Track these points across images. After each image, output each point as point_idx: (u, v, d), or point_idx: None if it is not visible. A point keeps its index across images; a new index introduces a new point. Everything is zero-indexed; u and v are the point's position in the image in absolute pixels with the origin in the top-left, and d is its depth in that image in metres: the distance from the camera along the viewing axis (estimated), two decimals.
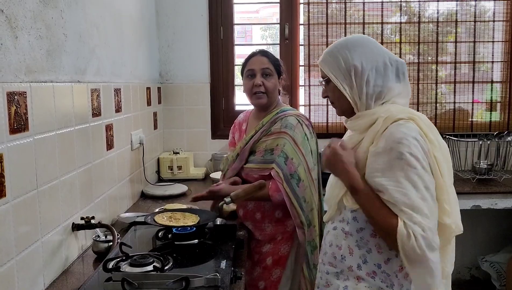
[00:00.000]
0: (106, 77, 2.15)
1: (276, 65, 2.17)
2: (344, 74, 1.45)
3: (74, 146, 1.75)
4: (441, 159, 1.38)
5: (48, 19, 1.57)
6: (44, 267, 1.52)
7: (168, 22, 3.35)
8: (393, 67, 1.46)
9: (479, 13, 3.38)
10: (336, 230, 1.51)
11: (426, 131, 1.37)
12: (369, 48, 1.46)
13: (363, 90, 1.43)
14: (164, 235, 1.79)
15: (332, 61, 1.47)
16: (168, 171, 3.14)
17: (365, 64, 1.43)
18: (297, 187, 1.99)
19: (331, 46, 1.52)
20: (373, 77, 1.43)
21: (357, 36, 1.57)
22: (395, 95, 1.45)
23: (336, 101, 1.53)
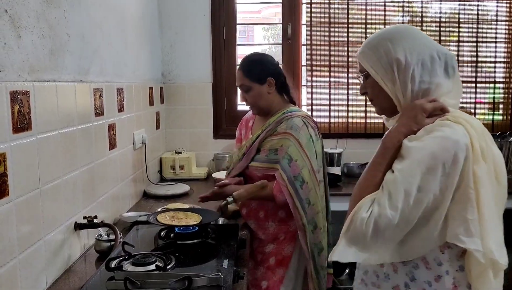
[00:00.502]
0: (109, 77, 2.15)
1: (253, 75, 2.11)
2: (386, 68, 1.30)
3: (76, 145, 1.75)
4: (482, 175, 1.18)
5: (51, 19, 1.57)
6: (47, 266, 1.52)
7: (170, 22, 3.35)
8: (441, 61, 1.30)
9: (481, 14, 3.37)
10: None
11: (473, 141, 1.19)
12: (414, 40, 1.31)
13: (408, 86, 1.28)
14: (166, 235, 1.79)
15: (371, 54, 1.33)
16: (171, 170, 3.14)
17: (410, 58, 1.28)
18: (301, 189, 1.98)
19: (371, 37, 1.38)
20: (418, 72, 1.28)
21: (401, 26, 1.40)
22: (444, 93, 1.30)
23: (375, 98, 1.39)
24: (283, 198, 1.98)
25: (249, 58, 2.19)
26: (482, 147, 1.21)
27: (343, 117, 3.45)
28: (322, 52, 3.39)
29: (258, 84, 2.12)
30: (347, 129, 3.44)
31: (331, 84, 3.42)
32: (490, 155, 1.22)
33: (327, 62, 3.39)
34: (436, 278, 1.25)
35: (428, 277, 1.25)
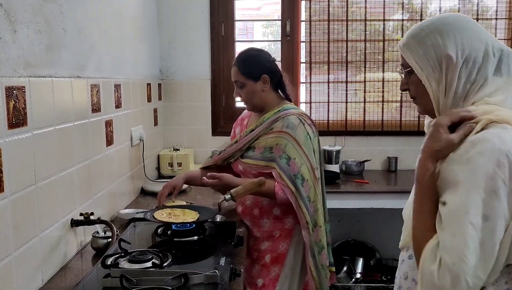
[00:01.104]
0: (107, 73, 2.14)
1: (247, 72, 2.09)
2: (433, 66, 1.16)
3: (73, 141, 1.74)
4: None
5: (48, 14, 1.55)
6: (43, 263, 1.51)
7: (169, 18, 3.33)
8: (495, 58, 1.15)
9: (481, 11, 3.37)
10: (412, 260, 1.21)
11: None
12: (469, 33, 1.15)
13: (453, 86, 1.14)
14: (163, 232, 1.78)
15: (418, 47, 1.18)
16: (168, 167, 3.13)
17: (461, 54, 1.13)
18: (302, 187, 1.98)
19: (418, 27, 1.20)
20: (467, 71, 1.13)
21: (454, 16, 1.19)
22: (491, 91, 1.14)
23: (419, 97, 1.23)
24: (285, 196, 1.97)
25: (244, 54, 2.18)
26: None
27: (342, 114, 3.44)
28: (321, 49, 3.38)
29: (253, 81, 2.09)
30: (345, 127, 3.43)
31: (330, 81, 3.41)
32: None
33: (326, 59, 3.38)
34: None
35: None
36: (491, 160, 1.02)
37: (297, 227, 2.08)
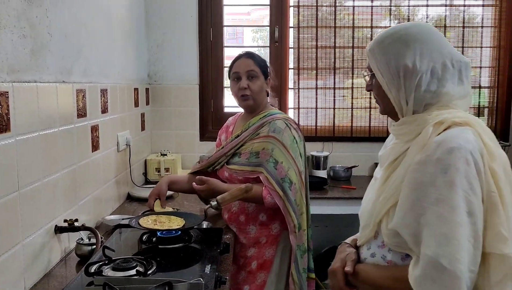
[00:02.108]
0: (94, 78, 2.12)
1: (262, 66, 2.15)
2: (393, 73, 1.23)
3: (58, 147, 1.72)
4: (499, 173, 1.12)
5: (33, 18, 1.54)
6: (25, 270, 1.49)
7: (157, 22, 3.32)
8: (454, 69, 1.22)
9: (467, 19, 3.40)
10: (375, 258, 1.28)
11: (485, 139, 1.14)
12: (430, 44, 1.22)
13: (412, 94, 1.21)
14: (148, 239, 1.76)
15: (381, 54, 1.25)
16: (155, 173, 3.11)
17: (420, 65, 1.20)
18: (290, 191, 1.98)
19: (384, 34, 1.27)
20: (426, 81, 1.20)
21: (418, 26, 1.26)
22: (453, 100, 1.23)
23: (380, 99, 1.32)
24: (273, 200, 1.97)
25: (254, 52, 2.20)
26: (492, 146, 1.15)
27: (330, 120, 3.45)
28: (309, 55, 3.39)
29: (263, 77, 2.15)
30: (333, 132, 3.44)
31: (318, 87, 3.42)
32: (501, 154, 1.17)
33: (314, 65, 3.39)
34: None
35: None
36: (460, 159, 1.08)
37: (283, 233, 2.08)
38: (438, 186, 1.09)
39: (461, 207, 1.07)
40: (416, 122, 1.22)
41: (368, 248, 1.31)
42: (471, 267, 1.07)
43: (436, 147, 1.12)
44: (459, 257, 1.05)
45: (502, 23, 3.37)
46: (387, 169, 1.28)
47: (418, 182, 1.13)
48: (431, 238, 1.08)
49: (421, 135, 1.18)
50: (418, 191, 1.12)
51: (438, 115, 1.18)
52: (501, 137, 3.37)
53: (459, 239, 1.06)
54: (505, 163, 1.17)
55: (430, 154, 1.12)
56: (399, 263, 1.22)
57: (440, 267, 1.06)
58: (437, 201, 1.09)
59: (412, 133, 1.22)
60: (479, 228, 1.08)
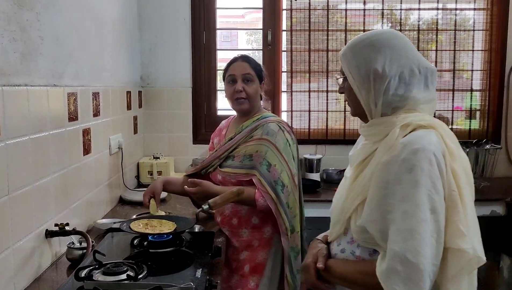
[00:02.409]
0: (85, 81, 2.12)
1: (257, 70, 2.15)
2: (364, 77, 1.28)
3: (49, 151, 1.71)
4: (460, 173, 1.19)
5: (23, 22, 1.54)
6: (15, 275, 1.48)
7: (150, 25, 3.32)
8: (421, 75, 1.29)
9: (459, 22, 3.43)
10: (345, 253, 1.33)
11: (447, 141, 1.21)
12: (399, 51, 1.28)
13: (381, 97, 1.27)
14: (139, 243, 1.76)
15: (353, 58, 1.31)
16: (148, 176, 3.11)
17: (388, 70, 1.26)
18: (282, 193, 1.98)
19: (357, 39, 1.34)
20: (394, 85, 1.26)
21: (389, 33, 1.33)
22: (419, 104, 1.29)
23: (351, 101, 1.37)
24: (265, 203, 1.97)
25: (249, 56, 2.21)
26: (454, 148, 1.22)
27: (323, 123, 3.46)
28: (302, 58, 3.40)
29: (258, 81, 2.15)
30: (326, 135, 3.45)
31: (311, 90, 3.42)
32: (462, 155, 1.24)
33: (307, 68, 3.40)
34: None
35: None
36: (424, 159, 1.15)
37: (276, 236, 2.08)
38: (404, 185, 1.15)
39: (424, 205, 1.13)
40: (384, 124, 1.27)
41: (338, 244, 1.37)
42: (434, 261, 1.13)
43: (402, 148, 1.18)
44: (422, 251, 1.11)
45: (493, 26, 3.40)
46: (356, 169, 1.34)
47: (384, 181, 1.19)
48: (396, 234, 1.15)
49: (388, 136, 1.24)
50: (384, 190, 1.18)
51: (405, 118, 1.24)
52: (493, 140, 3.39)
53: (423, 234, 1.12)
54: (465, 164, 1.24)
55: (396, 154, 1.18)
56: (367, 258, 1.27)
57: (405, 261, 1.12)
58: (403, 198, 1.15)
59: (380, 134, 1.27)
60: (441, 224, 1.15)
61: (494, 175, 3.28)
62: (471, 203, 1.21)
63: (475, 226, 1.20)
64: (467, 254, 1.14)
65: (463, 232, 1.14)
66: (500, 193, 3.04)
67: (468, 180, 1.23)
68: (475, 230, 1.19)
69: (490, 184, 3.11)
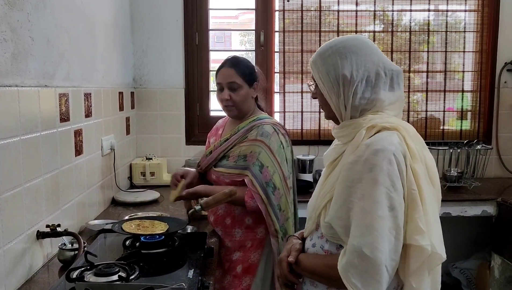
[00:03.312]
0: (77, 82, 2.11)
1: (246, 75, 2.11)
2: (333, 82, 1.34)
3: (40, 152, 1.71)
4: (421, 173, 1.25)
5: (14, 22, 1.53)
6: (6, 277, 1.48)
7: (143, 27, 3.31)
8: (387, 77, 1.35)
9: (451, 24, 3.45)
10: (315, 247, 1.40)
11: (409, 143, 1.27)
12: (364, 56, 1.34)
13: (349, 101, 1.33)
14: (131, 244, 1.75)
15: (322, 65, 1.36)
16: (141, 177, 3.10)
17: (355, 74, 1.32)
18: (273, 195, 1.99)
19: (324, 46, 1.39)
20: (361, 88, 1.32)
21: (354, 39, 1.39)
22: (386, 105, 1.35)
23: (324, 106, 1.43)
24: (254, 204, 1.97)
25: (237, 58, 2.17)
26: (418, 149, 1.28)
27: (315, 124, 3.46)
28: (295, 59, 3.41)
29: (247, 85, 2.12)
30: (319, 136, 3.46)
31: (304, 91, 3.43)
32: (422, 158, 1.29)
33: (300, 69, 3.41)
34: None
35: None
36: (384, 159, 1.21)
37: (269, 237, 2.08)
38: (364, 183, 1.22)
39: (383, 202, 1.19)
40: (352, 125, 1.34)
41: (311, 239, 1.44)
42: (392, 256, 1.20)
43: (365, 149, 1.25)
44: (379, 246, 1.18)
45: (484, 28, 3.43)
46: (328, 168, 1.43)
47: (349, 180, 1.25)
48: (355, 230, 1.21)
49: (355, 137, 1.31)
50: (348, 188, 1.25)
51: (371, 120, 1.31)
52: (484, 140, 3.42)
53: (380, 230, 1.18)
54: (430, 164, 1.32)
55: (360, 155, 1.25)
56: (334, 252, 1.32)
57: (362, 255, 1.18)
58: (362, 196, 1.22)
59: (349, 136, 1.34)
60: (400, 221, 1.21)
61: (485, 175, 3.30)
62: (433, 201, 1.28)
63: (436, 224, 1.27)
64: (426, 251, 1.21)
65: (422, 229, 1.21)
66: (491, 193, 3.06)
67: (431, 180, 1.30)
68: (435, 228, 1.25)
69: (481, 184, 3.13)
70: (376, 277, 1.18)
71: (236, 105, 2.10)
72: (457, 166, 3.22)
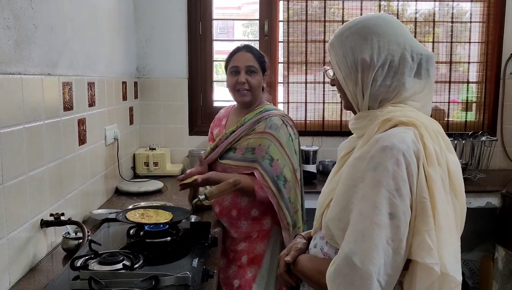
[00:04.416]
0: (80, 71, 2.10)
1: (261, 61, 2.12)
2: (351, 67, 1.18)
3: (43, 140, 1.70)
4: (436, 179, 1.06)
5: (17, 9, 1.52)
6: (10, 265, 1.47)
7: (146, 16, 3.29)
8: (414, 62, 1.17)
9: (456, 14, 3.42)
10: (316, 249, 1.29)
11: (426, 142, 1.08)
12: (388, 37, 1.16)
13: (368, 89, 1.17)
14: (136, 233, 1.75)
15: (339, 48, 1.21)
16: (144, 167, 3.09)
17: (376, 58, 1.15)
18: (284, 188, 1.98)
19: (343, 27, 1.23)
20: (382, 74, 1.16)
21: (377, 18, 1.21)
22: (410, 95, 1.18)
23: (341, 94, 1.27)
24: (264, 194, 1.96)
25: (252, 46, 2.17)
26: (436, 150, 1.09)
27: (319, 115, 3.45)
28: (299, 50, 3.38)
29: (262, 73, 2.13)
30: (322, 127, 3.44)
31: (308, 82, 3.41)
32: (444, 161, 1.10)
33: (304, 60, 3.39)
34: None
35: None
36: (391, 159, 1.04)
37: (275, 228, 2.08)
38: (366, 183, 1.06)
39: (382, 208, 1.03)
40: (368, 117, 1.19)
41: (314, 239, 1.33)
42: (388, 271, 1.03)
43: (374, 144, 1.09)
44: (372, 257, 1.01)
45: (490, 18, 3.39)
46: (339, 162, 1.28)
47: (352, 178, 1.11)
48: (350, 235, 1.06)
49: (368, 131, 1.16)
50: (351, 187, 1.10)
51: (389, 112, 1.15)
52: (488, 132, 3.40)
53: (375, 239, 1.02)
54: (452, 170, 1.11)
55: (367, 150, 1.09)
56: (333, 256, 1.15)
57: (351, 265, 1.03)
58: (362, 198, 1.06)
59: (364, 128, 1.19)
60: (403, 232, 1.03)
61: (490, 167, 3.29)
62: (449, 214, 1.08)
63: (451, 240, 1.06)
64: (433, 271, 1.01)
65: (429, 245, 1.02)
66: (496, 185, 3.04)
67: (453, 188, 1.11)
68: (449, 245, 1.05)
69: (485, 176, 3.12)
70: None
71: (252, 89, 2.08)
72: (462, 158, 3.21)
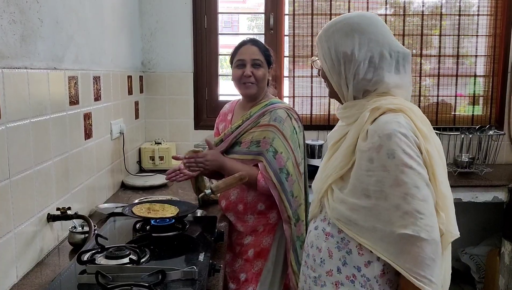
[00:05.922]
0: (85, 65, 2.09)
1: (266, 55, 2.12)
2: (334, 60, 1.31)
3: (49, 134, 1.70)
4: (435, 155, 1.24)
5: (22, 3, 1.51)
6: (17, 259, 1.48)
7: (151, 10, 3.28)
8: (392, 59, 1.30)
9: (463, 7, 3.38)
10: (317, 230, 1.38)
11: (418, 125, 1.24)
12: (368, 35, 1.29)
13: (351, 81, 1.30)
14: (142, 227, 1.75)
15: (325, 42, 1.34)
16: (150, 161, 3.10)
17: (358, 54, 1.28)
18: (286, 182, 1.97)
19: (330, 23, 1.36)
20: (363, 69, 1.29)
21: (360, 17, 1.33)
22: (391, 88, 1.31)
23: (327, 83, 1.41)
24: (266, 185, 1.96)
25: (257, 39, 2.17)
26: (427, 130, 1.26)
27: (325, 109, 3.43)
28: (305, 43, 3.37)
29: (267, 66, 2.13)
30: (328, 121, 3.43)
31: (313, 76, 3.40)
32: (432, 139, 1.27)
33: (310, 53, 3.37)
34: (366, 263, 1.28)
35: (359, 262, 1.28)
36: (401, 143, 1.18)
37: (281, 222, 2.07)
38: (391, 172, 1.19)
39: (420, 184, 1.18)
40: (356, 106, 1.31)
41: (314, 222, 1.43)
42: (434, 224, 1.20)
43: (375, 135, 1.21)
44: (434, 228, 1.18)
45: (498, 11, 3.36)
46: (330, 149, 1.41)
47: (366, 169, 1.22)
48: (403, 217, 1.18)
49: (359, 119, 1.28)
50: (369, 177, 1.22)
51: (376, 101, 1.28)
52: (496, 125, 3.37)
53: (431, 210, 1.19)
54: (438, 146, 1.28)
55: (373, 141, 1.22)
56: (335, 235, 1.32)
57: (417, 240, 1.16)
58: (396, 185, 1.18)
59: (353, 117, 1.31)
60: (433, 196, 1.21)
61: (497, 161, 3.27)
62: (446, 185, 1.27)
63: (451, 208, 1.27)
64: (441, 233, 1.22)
65: (440, 215, 1.23)
66: (503, 179, 3.03)
67: (442, 162, 1.28)
68: (450, 212, 1.26)
69: (492, 170, 3.10)
70: (437, 260, 1.19)
71: (258, 82, 2.08)
72: (469, 152, 3.19)
